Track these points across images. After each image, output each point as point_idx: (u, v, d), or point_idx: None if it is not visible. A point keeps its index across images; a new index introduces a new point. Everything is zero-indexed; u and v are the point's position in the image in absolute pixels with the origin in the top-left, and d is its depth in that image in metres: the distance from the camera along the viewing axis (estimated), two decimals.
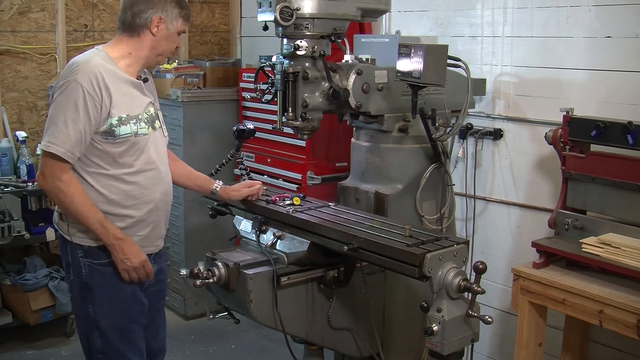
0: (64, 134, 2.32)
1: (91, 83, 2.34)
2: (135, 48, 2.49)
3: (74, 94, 2.33)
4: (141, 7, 2.47)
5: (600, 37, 3.00)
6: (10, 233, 3.90)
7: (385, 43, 3.26)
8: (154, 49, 2.51)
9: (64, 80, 2.36)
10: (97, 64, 2.39)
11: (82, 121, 2.33)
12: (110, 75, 2.39)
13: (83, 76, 2.34)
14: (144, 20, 2.47)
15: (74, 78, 2.33)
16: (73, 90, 2.33)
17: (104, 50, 2.48)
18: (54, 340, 4.24)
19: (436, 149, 2.86)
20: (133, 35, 2.49)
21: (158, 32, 2.48)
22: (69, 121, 2.32)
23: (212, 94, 4.65)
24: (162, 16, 2.47)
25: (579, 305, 2.55)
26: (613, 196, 2.68)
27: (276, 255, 2.53)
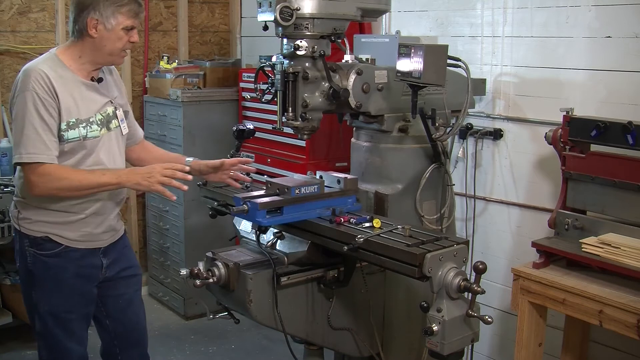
0: (39, 141, 2.40)
1: (43, 89, 2.41)
2: (83, 51, 2.53)
3: (31, 102, 2.40)
4: (77, 11, 2.50)
5: (600, 37, 3.00)
6: (10, 233, 3.89)
7: (385, 43, 3.26)
8: (101, 50, 2.53)
9: (20, 92, 2.42)
10: (46, 69, 2.45)
11: (47, 123, 2.41)
12: (58, 80, 2.45)
13: (35, 84, 2.41)
14: (81, 24, 2.49)
15: (27, 87, 2.41)
16: (30, 99, 2.40)
17: (55, 54, 2.54)
18: None
19: (436, 149, 2.86)
20: (78, 39, 2.53)
21: (97, 33, 2.48)
22: (38, 128, 2.40)
23: (212, 94, 4.65)
24: (96, 17, 2.47)
25: (579, 305, 2.55)
26: (613, 196, 2.68)
27: (276, 255, 2.53)
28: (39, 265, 2.57)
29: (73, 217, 2.56)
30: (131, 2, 2.52)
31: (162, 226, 4.78)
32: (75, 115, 2.49)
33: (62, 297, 2.59)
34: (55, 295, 2.58)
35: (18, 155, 2.42)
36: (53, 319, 2.59)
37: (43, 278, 2.57)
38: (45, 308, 2.59)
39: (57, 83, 2.44)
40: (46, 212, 2.54)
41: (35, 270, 2.58)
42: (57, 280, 2.58)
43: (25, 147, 2.40)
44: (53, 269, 2.57)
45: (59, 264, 2.57)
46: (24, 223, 2.57)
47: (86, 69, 2.56)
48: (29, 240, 2.57)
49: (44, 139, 2.40)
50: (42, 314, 2.60)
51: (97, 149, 2.56)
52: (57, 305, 2.59)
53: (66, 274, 2.58)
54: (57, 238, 2.55)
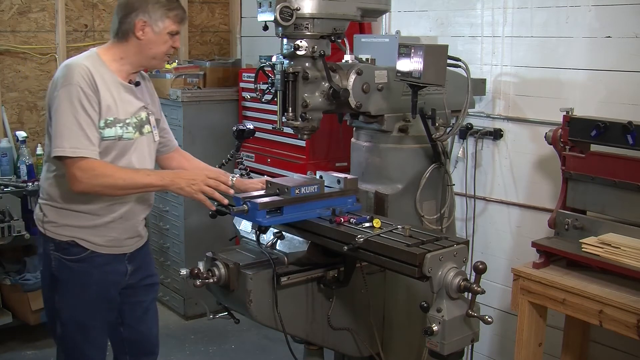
0: (83, 136, 2.36)
1: (86, 84, 2.39)
2: (126, 53, 2.52)
3: (76, 96, 2.37)
4: (124, 12, 2.49)
5: (600, 37, 3.00)
6: (10, 233, 3.90)
7: (385, 43, 3.26)
8: (145, 53, 2.52)
9: (64, 86, 2.39)
10: (89, 66, 2.43)
11: (91, 118, 2.39)
12: (100, 78, 2.43)
13: (79, 78, 2.38)
14: (128, 25, 2.48)
15: (71, 81, 2.38)
16: (74, 93, 2.37)
17: (97, 53, 2.52)
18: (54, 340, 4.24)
19: (436, 149, 2.86)
20: (122, 40, 2.52)
21: (144, 35, 2.48)
22: (82, 122, 2.37)
23: (212, 94, 4.65)
24: (144, 19, 2.47)
25: (579, 305, 2.55)
26: (613, 196, 2.68)
27: (276, 255, 2.53)
28: (64, 270, 2.52)
29: (100, 220, 2.51)
30: (179, 8, 2.54)
31: (162, 226, 4.78)
32: (114, 114, 2.46)
33: (85, 303, 2.55)
34: (79, 301, 2.54)
35: (60, 148, 2.36)
36: (75, 325, 2.55)
37: (67, 283, 2.53)
38: (67, 314, 2.55)
39: (98, 80, 2.42)
40: (73, 215, 2.50)
41: (60, 275, 2.52)
42: (82, 286, 2.53)
43: (69, 141, 2.35)
44: (78, 274, 2.52)
45: (84, 269, 2.52)
46: (50, 227, 2.52)
47: (126, 70, 2.54)
48: (54, 245, 2.51)
49: (87, 134, 2.37)
50: (65, 320, 2.55)
51: (129, 151, 2.53)
52: (80, 311, 2.55)
53: (91, 279, 2.54)
54: (83, 243, 2.51)
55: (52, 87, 2.45)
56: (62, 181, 2.47)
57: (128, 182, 2.43)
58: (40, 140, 4.57)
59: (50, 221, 2.52)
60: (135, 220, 2.63)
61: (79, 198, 2.47)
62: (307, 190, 2.58)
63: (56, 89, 2.41)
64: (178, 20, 2.54)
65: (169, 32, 2.52)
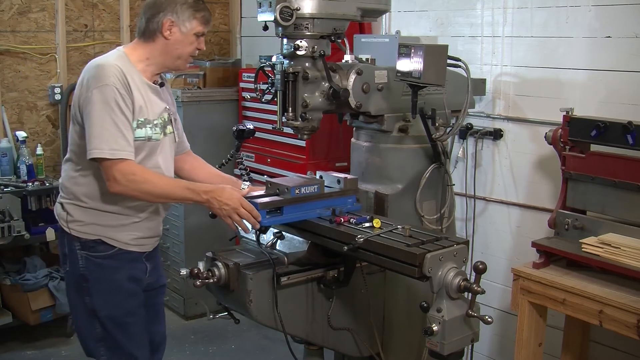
0: (120, 137, 2.34)
1: (121, 84, 2.37)
2: (152, 53, 2.50)
3: (112, 97, 2.35)
4: (152, 11, 2.48)
5: (600, 37, 3.00)
6: (10, 233, 3.90)
7: (385, 43, 3.26)
8: (171, 53, 2.51)
9: (98, 86, 2.35)
10: (121, 66, 2.41)
11: (127, 118, 2.38)
12: (131, 79, 2.42)
13: (114, 78, 2.36)
14: (155, 25, 2.47)
15: (106, 81, 2.35)
16: (110, 93, 2.35)
17: (125, 53, 2.50)
18: (54, 340, 4.24)
19: (436, 149, 2.86)
20: (148, 40, 2.50)
21: (171, 35, 2.47)
22: (119, 123, 2.35)
23: (212, 94, 4.65)
24: (172, 19, 2.46)
25: (579, 305, 2.55)
26: (613, 196, 2.68)
27: (276, 255, 2.53)
28: (93, 267, 2.49)
29: (127, 220, 2.51)
30: (205, 9, 2.53)
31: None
32: (145, 115, 2.45)
33: (119, 299, 2.52)
34: (112, 298, 2.51)
35: (99, 150, 2.32)
36: (112, 322, 2.52)
37: (98, 281, 2.50)
38: (103, 312, 2.50)
39: (130, 80, 2.41)
40: (100, 215, 2.48)
41: (89, 274, 2.49)
42: (113, 282, 2.51)
43: (107, 143, 2.32)
44: (108, 270, 2.50)
45: (114, 264, 2.50)
46: (75, 226, 2.49)
47: (151, 71, 2.53)
48: (80, 243, 2.49)
49: (125, 135, 2.35)
50: (103, 319, 2.51)
51: (156, 152, 2.52)
52: (116, 307, 2.52)
53: (121, 275, 2.52)
54: (109, 241, 2.49)
55: (83, 88, 2.40)
56: (89, 181, 2.46)
57: (166, 192, 2.45)
58: (40, 140, 4.57)
59: (75, 220, 2.49)
60: (158, 221, 2.64)
61: (107, 198, 2.45)
62: (307, 190, 2.58)
63: (89, 90, 2.37)
64: (204, 22, 2.52)
65: (195, 33, 2.50)
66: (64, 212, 2.52)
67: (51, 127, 4.67)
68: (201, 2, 2.53)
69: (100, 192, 2.46)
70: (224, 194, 2.42)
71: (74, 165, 2.51)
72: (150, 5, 2.50)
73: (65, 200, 2.53)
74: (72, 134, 2.50)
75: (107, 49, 4.77)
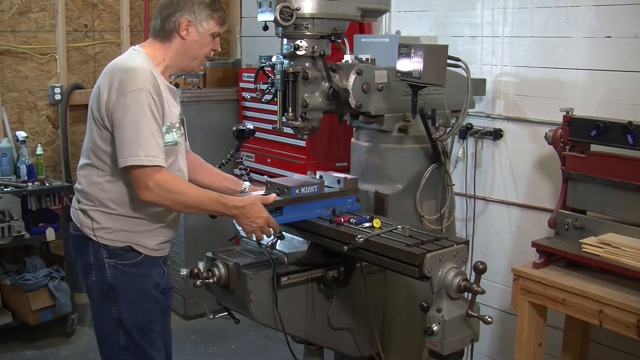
0: (155, 144, 2.30)
1: (153, 89, 2.32)
2: (168, 54, 2.46)
3: (146, 102, 2.29)
4: (169, 11, 2.43)
5: (600, 37, 3.00)
6: (10, 233, 3.90)
7: (385, 43, 3.26)
8: (187, 54, 2.47)
9: (132, 90, 2.28)
10: (150, 69, 2.36)
11: (159, 125, 2.34)
12: (159, 81, 2.38)
13: (147, 83, 2.31)
14: (172, 25, 2.43)
15: (140, 86, 2.29)
16: (144, 98, 2.29)
17: (146, 54, 2.44)
18: (54, 340, 4.24)
19: (436, 149, 2.86)
20: (164, 41, 2.45)
21: (188, 35, 2.43)
22: (153, 130, 2.30)
23: (212, 94, 4.65)
24: (190, 18, 2.42)
25: (579, 305, 2.55)
26: (613, 196, 2.68)
27: (276, 255, 2.53)
28: (121, 276, 2.43)
29: (154, 225, 2.47)
30: (222, 10, 2.50)
31: None
32: (170, 119, 2.41)
33: (145, 307, 2.48)
34: (139, 306, 2.47)
35: (135, 157, 2.26)
36: (138, 331, 2.47)
37: (127, 290, 2.44)
38: (130, 322, 2.45)
39: (159, 84, 2.36)
40: (128, 221, 2.43)
41: (118, 283, 2.43)
42: (141, 290, 2.47)
43: (144, 149, 2.26)
44: (136, 278, 2.45)
45: (140, 272, 2.46)
46: (103, 233, 2.41)
47: (168, 73, 2.49)
48: (108, 252, 2.42)
49: (158, 142, 2.31)
50: (129, 328, 2.45)
51: (178, 155, 2.50)
52: (142, 316, 2.48)
53: (148, 283, 2.49)
54: (138, 247, 2.45)
55: (113, 92, 2.31)
56: (117, 187, 2.40)
57: (197, 204, 2.40)
58: (40, 140, 4.57)
59: (103, 227, 2.42)
60: (177, 225, 2.61)
61: (136, 204, 2.40)
62: (307, 190, 2.58)
63: (122, 94, 2.29)
64: (221, 22, 2.50)
65: (212, 34, 2.47)
66: (89, 219, 2.43)
67: (51, 127, 4.67)
68: (217, 2, 2.50)
69: (129, 198, 2.40)
70: (253, 211, 2.40)
71: (96, 170, 2.43)
72: (167, 4, 2.45)
73: (89, 207, 2.44)
74: (95, 138, 2.40)
75: (107, 49, 4.81)
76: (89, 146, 2.44)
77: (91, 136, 2.43)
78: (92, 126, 2.42)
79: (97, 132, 2.39)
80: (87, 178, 2.46)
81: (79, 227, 2.47)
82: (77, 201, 2.50)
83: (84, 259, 2.48)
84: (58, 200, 4.10)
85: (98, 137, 2.40)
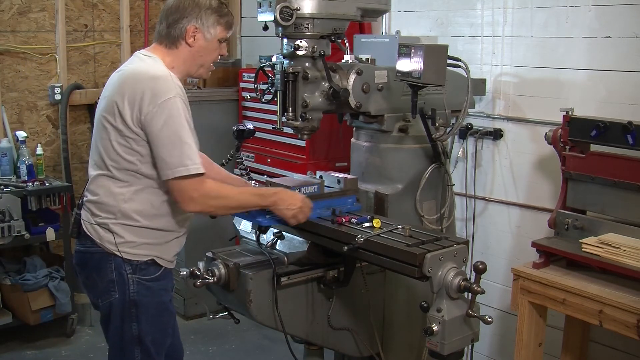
0: (195, 152, 2.27)
1: (183, 94, 2.29)
2: (175, 61, 2.39)
3: (182, 110, 2.25)
4: (175, 17, 2.37)
5: (600, 37, 3.00)
6: (10, 233, 3.90)
7: (385, 43, 3.26)
8: (194, 60, 2.42)
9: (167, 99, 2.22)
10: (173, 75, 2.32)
11: (193, 131, 2.31)
12: None
13: (178, 90, 2.27)
14: (178, 31, 2.36)
15: (174, 93, 2.24)
16: (181, 106, 2.25)
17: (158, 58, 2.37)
18: (54, 340, 4.24)
19: (436, 149, 2.86)
20: (171, 47, 2.39)
21: (195, 42, 2.37)
22: (192, 137, 2.27)
23: (212, 94, 4.65)
24: (197, 25, 2.36)
25: (579, 305, 2.55)
26: (613, 196, 2.68)
27: (276, 255, 2.53)
28: (144, 292, 2.35)
29: (171, 235, 2.40)
30: (229, 14, 2.45)
31: None
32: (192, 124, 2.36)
33: (163, 322, 2.43)
34: (157, 322, 2.41)
35: (183, 167, 2.21)
36: (155, 346, 2.41)
37: (148, 306, 2.36)
38: (149, 338, 2.38)
39: None
40: (150, 233, 2.35)
41: (140, 299, 2.34)
42: (161, 305, 2.41)
43: (190, 158, 2.22)
44: (157, 293, 2.38)
45: (162, 286, 2.40)
46: (127, 247, 2.32)
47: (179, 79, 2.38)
48: (132, 267, 2.33)
49: (196, 150, 2.27)
50: (147, 345, 2.38)
51: None
52: (160, 331, 2.42)
53: (167, 297, 2.44)
54: (160, 261, 2.38)
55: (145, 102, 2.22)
56: (144, 197, 2.32)
57: (240, 204, 2.42)
58: (40, 140, 4.57)
59: (127, 242, 2.32)
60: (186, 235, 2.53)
61: (159, 215, 2.35)
62: (307, 190, 2.58)
63: (155, 105, 2.21)
64: (229, 27, 2.45)
65: (219, 39, 2.44)
66: (110, 233, 2.32)
67: (51, 127, 4.67)
68: (225, 7, 2.45)
69: (155, 208, 2.34)
70: (287, 195, 2.41)
71: (117, 182, 2.32)
72: (173, 10, 2.38)
73: (110, 220, 2.33)
74: (116, 149, 2.29)
75: (107, 49, 4.81)
76: (106, 157, 2.33)
77: (108, 147, 2.31)
78: (110, 138, 2.30)
79: (119, 144, 2.29)
80: (106, 189, 2.34)
81: (99, 242, 2.34)
82: (92, 214, 2.37)
83: (103, 277, 2.35)
84: (58, 200, 4.09)
85: (120, 148, 2.29)
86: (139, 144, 2.28)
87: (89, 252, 2.38)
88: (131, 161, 2.30)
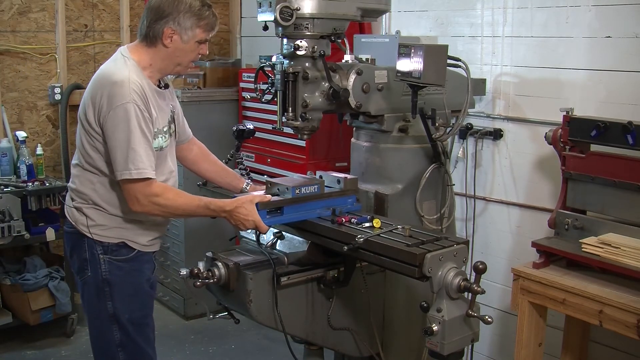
0: (145, 156, 2.33)
1: (141, 100, 2.34)
2: (154, 59, 2.47)
3: (134, 115, 2.32)
4: (153, 17, 2.42)
5: (600, 37, 3.00)
6: (10, 233, 3.90)
7: (385, 43, 3.26)
8: (172, 60, 2.48)
9: (120, 104, 2.31)
10: (137, 78, 2.37)
11: (148, 137, 2.36)
12: (146, 89, 2.39)
13: (134, 95, 2.33)
14: (156, 32, 2.42)
15: (127, 99, 2.31)
16: (132, 111, 2.31)
17: (133, 60, 2.44)
18: (54, 340, 4.24)
19: (436, 149, 2.86)
20: (150, 45, 2.46)
21: (171, 43, 2.43)
22: (142, 142, 2.33)
23: (212, 94, 4.65)
24: (173, 27, 2.40)
25: (579, 305, 2.55)
26: (613, 196, 2.68)
27: (276, 255, 2.53)
28: (116, 272, 2.48)
29: (145, 224, 2.52)
30: (210, 16, 2.47)
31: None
32: (157, 125, 2.44)
33: (139, 302, 2.54)
34: (134, 301, 2.52)
35: (127, 172, 2.32)
36: (133, 326, 2.52)
37: (122, 285, 2.49)
38: (125, 317, 2.50)
39: (146, 92, 2.38)
40: (119, 220, 2.48)
41: (113, 278, 2.47)
42: (135, 285, 2.52)
43: (134, 163, 2.31)
44: (131, 273, 2.51)
45: (135, 267, 2.52)
46: (97, 230, 2.47)
47: (155, 76, 2.50)
48: (103, 248, 2.47)
49: (149, 154, 2.35)
50: (123, 323, 2.50)
51: (167, 157, 2.54)
52: (136, 311, 2.53)
53: (141, 277, 2.54)
54: (132, 244, 2.50)
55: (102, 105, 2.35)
56: (108, 190, 2.46)
57: (187, 213, 2.52)
58: (40, 140, 4.57)
59: (98, 224, 2.47)
60: (168, 222, 2.70)
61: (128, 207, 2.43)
62: (307, 190, 2.58)
63: (109, 108, 2.32)
64: (209, 29, 2.48)
65: (198, 41, 2.46)
66: (83, 216, 2.48)
67: (51, 127, 4.67)
68: (206, 8, 2.46)
69: (120, 200, 2.46)
70: (240, 215, 2.42)
71: (87, 173, 2.48)
72: (153, 9, 2.43)
73: (84, 204, 2.49)
74: (85, 146, 2.46)
75: (107, 49, 4.81)
76: (78, 150, 2.50)
77: (81, 143, 2.48)
78: (82, 134, 2.47)
79: (87, 141, 2.45)
80: (80, 178, 2.51)
81: (74, 224, 2.51)
82: (71, 199, 2.54)
83: (79, 256, 2.52)
84: (58, 200, 4.10)
85: (88, 145, 2.45)
86: (99, 141, 2.41)
87: (68, 232, 2.56)
88: (94, 157, 2.45)
